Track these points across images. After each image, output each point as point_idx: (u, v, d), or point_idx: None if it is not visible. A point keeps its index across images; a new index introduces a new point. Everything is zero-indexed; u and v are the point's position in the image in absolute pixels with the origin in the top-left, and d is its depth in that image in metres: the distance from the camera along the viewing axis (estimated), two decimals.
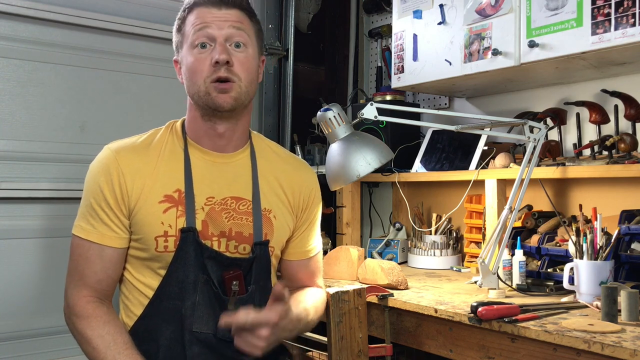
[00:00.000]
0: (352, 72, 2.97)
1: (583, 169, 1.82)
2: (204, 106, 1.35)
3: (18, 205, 2.00)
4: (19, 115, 2.01)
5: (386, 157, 1.70)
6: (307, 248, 1.53)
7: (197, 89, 1.34)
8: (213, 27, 1.34)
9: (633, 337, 1.27)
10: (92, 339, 1.27)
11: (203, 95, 1.34)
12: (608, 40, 1.65)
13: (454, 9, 2.07)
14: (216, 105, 1.34)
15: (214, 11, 1.35)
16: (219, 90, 1.33)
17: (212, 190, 1.38)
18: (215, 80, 1.33)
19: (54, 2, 2.06)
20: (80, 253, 1.33)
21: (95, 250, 1.32)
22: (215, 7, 1.36)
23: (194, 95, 1.36)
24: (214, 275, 1.34)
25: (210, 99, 1.33)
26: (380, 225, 2.82)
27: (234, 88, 1.34)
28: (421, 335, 1.65)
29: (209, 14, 1.35)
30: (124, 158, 1.34)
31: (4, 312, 1.96)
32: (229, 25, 1.35)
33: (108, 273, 1.34)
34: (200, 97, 1.34)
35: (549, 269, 1.85)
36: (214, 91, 1.33)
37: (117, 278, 1.37)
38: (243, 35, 1.37)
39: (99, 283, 1.33)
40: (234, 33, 1.35)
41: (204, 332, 1.32)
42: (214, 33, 1.34)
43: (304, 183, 1.51)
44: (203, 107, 1.36)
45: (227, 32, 1.35)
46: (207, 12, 1.36)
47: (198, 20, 1.35)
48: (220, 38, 1.34)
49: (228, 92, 1.33)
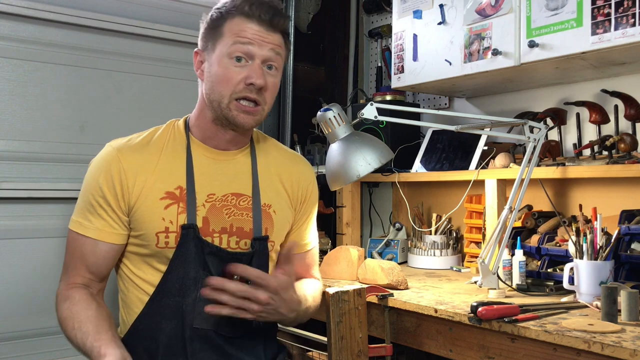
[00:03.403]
0: (352, 72, 2.97)
1: (583, 169, 1.82)
2: (222, 117, 1.35)
3: (18, 205, 2.00)
4: (19, 115, 2.01)
5: (386, 157, 1.70)
6: (304, 241, 1.55)
7: (219, 99, 1.33)
8: (255, 46, 1.32)
9: (633, 337, 1.27)
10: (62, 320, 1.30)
11: (224, 108, 1.33)
12: (608, 40, 1.65)
13: (454, 9, 2.07)
14: (236, 123, 1.35)
15: (260, 29, 1.32)
16: (243, 111, 1.33)
17: (213, 187, 1.39)
18: (242, 98, 1.32)
19: (54, 2, 2.06)
20: (75, 247, 1.36)
21: (90, 245, 1.34)
22: (264, 27, 1.33)
23: (214, 103, 1.35)
24: (215, 271, 1.34)
25: (232, 115, 1.34)
26: (380, 225, 2.82)
27: (259, 112, 1.35)
28: (421, 335, 1.65)
29: (254, 31, 1.32)
30: (126, 156, 1.35)
31: (4, 312, 1.96)
32: (270, 48, 1.33)
33: (99, 268, 1.36)
34: (221, 108, 1.34)
35: (549, 269, 1.85)
36: (237, 109, 1.33)
37: (107, 274, 1.39)
38: (279, 59, 1.36)
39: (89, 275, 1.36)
40: (272, 56, 1.34)
41: (205, 328, 1.32)
42: (254, 52, 1.32)
43: (302, 176, 1.53)
44: (220, 116, 1.36)
45: (267, 54, 1.33)
46: (252, 28, 1.32)
47: (242, 32, 1.32)
48: (259, 59, 1.32)
49: (253, 114, 1.34)
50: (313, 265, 1.60)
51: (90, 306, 1.30)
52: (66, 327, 1.28)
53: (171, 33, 2.28)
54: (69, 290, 1.34)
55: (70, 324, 1.27)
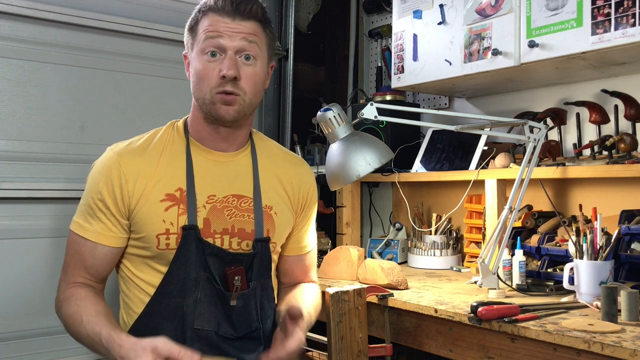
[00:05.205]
0: (352, 72, 2.97)
1: (583, 169, 1.82)
2: (208, 113, 1.36)
3: (18, 205, 1.99)
4: (19, 115, 2.01)
5: (386, 157, 1.70)
6: (303, 244, 1.56)
7: (202, 95, 1.35)
8: (225, 38, 1.32)
9: (633, 337, 1.27)
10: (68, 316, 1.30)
11: (208, 103, 1.34)
12: (608, 40, 1.65)
13: (454, 9, 2.07)
14: (219, 115, 1.35)
15: (228, 21, 1.33)
16: (223, 102, 1.33)
17: (214, 188, 1.39)
18: (221, 92, 1.32)
19: (54, 2, 2.05)
20: (75, 249, 1.36)
21: (89, 247, 1.35)
22: (230, 17, 1.33)
23: (199, 100, 1.37)
24: (216, 272, 1.34)
25: (215, 109, 1.34)
26: (380, 225, 2.82)
27: (238, 101, 1.34)
28: (421, 335, 1.65)
29: (222, 23, 1.32)
30: (126, 160, 1.36)
31: (4, 312, 1.96)
32: (241, 37, 1.33)
33: (98, 270, 1.36)
34: (205, 104, 1.35)
35: (549, 269, 1.85)
36: (219, 102, 1.33)
37: (106, 276, 1.40)
38: (254, 48, 1.35)
39: (88, 276, 1.36)
40: (245, 46, 1.33)
41: (206, 329, 1.33)
42: (225, 44, 1.32)
43: (302, 179, 1.53)
44: (207, 113, 1.37)
45: (239, 44, 1.33)
46: (221, 21, 1.33)
47: (211, 27, 1.33)
48: (230, 50, 1.32)
49: (232, 104, 1.34)
50: (311, 268, 1.61)
51: (99, 302, 1.31)
52: (73, 322, 1.28)
53: (171, 33, 2.28)
54: (71, 289, 1.34)
55: (78, 318, 1.26)
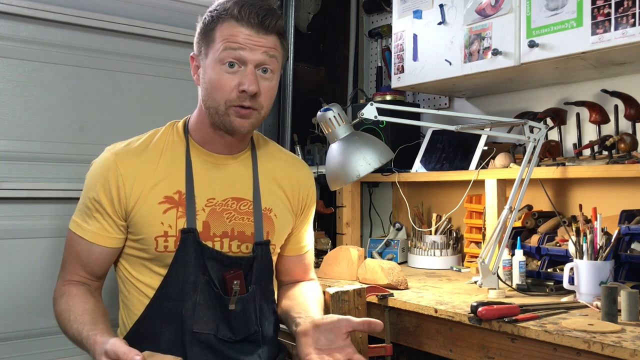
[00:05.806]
0: (352, 72, 2.97)
1: (583, 169, 1.82)
2: (219, 123, 1.34)
3: (18, 205, 1.99)
4: (19, 115, 2.01)
5: (386, 157, 1.70)
6: (302, 244, 1.57)
7: (215, 105, 1.32)
8: (246, 51, 1.28)
9: (633, 337, 1.27)
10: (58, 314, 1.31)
11: (221, 114, 1.31)
12: (608, 40, 1.65)
13: (454, 9, 2.07)
14: (233, 128, 1.32)
15: (251, 33, 1.28)
16: (239, 115, 1.31)
17: (213, 191, 1.38)
18: (237, 106, 1.30)
19: (54, 2, 2.05)
20: (72, 247, 1.37)
21: (85, 246, 1.35)
22: (253, 29, 1.28)
23: (211, 110, 1.33)
24: (215, 276, 1.34)
25: (229, 120, 1.32)
26: (380, 225, 2.82)
27: (254, 115, 1.33)
28: (421, 335, 1.65)
29: (244, 35, 1.28)
30: (124, 161, 1.35)
31: (4, 312, 1.96)
32: (262, 51, 1.29)
33: (94, 269, 1.37)
34: (219, 114, 1.32)
35: (549, 269, 1.84)
36: (233, 115, 1.31)
37: (103, 274, 1.40)
38: (274, 62, 1.32)
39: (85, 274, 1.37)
40: (266, 60, 1.30)
41: (205, 332, 1.32)
42: (246, 56, 1.28)
43: (302, 181, 1.53)
44: (217, 122, 1.34)
45: (260, 58, 1.29)
46: (243, 32, 1.28)
47: (232, 37, 1.28)
48: (251, 64, 1.29)
49: (248, 118, 1.32)
50: (310, 267, 1.62)
51: (88, 300, 1.31)
52: (62, 320, 1.29)
53: (171, 33, 2.28)
54: (65, 286, 1.35)
55: (67, 316, 1.27)
